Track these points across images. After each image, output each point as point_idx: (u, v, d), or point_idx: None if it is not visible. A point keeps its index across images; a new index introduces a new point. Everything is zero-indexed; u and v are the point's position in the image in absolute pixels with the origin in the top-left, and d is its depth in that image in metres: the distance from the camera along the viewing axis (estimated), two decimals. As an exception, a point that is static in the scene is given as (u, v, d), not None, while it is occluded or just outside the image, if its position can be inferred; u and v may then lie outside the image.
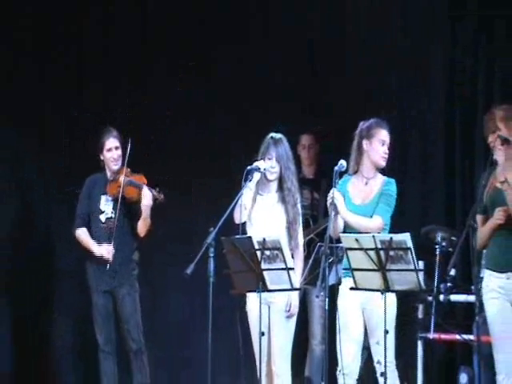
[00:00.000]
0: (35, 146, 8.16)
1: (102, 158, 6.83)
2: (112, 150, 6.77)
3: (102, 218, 6.77)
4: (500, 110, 5.41)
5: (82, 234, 6.82)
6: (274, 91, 7.95)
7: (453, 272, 6.54)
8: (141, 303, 6.86)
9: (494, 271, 5.38)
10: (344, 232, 5.54)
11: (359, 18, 7.89)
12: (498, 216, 5.29)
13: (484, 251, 6.01)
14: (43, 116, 8.15)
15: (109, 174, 6.83)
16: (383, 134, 5.73)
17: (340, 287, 5.65)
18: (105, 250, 6.71)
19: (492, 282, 5.39)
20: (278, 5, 8.06)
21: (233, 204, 5.64)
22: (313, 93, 7.86)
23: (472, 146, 7.38)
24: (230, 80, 8.01)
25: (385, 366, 5.30)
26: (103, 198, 6.77)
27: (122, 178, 6.67)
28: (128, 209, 6.76)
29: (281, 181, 5.80)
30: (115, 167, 6.77)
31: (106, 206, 6.75)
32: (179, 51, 8.23)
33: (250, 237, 5.45)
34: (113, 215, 6.75)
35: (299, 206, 5.83)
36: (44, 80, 8.13)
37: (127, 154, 6.71)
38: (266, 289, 5.44)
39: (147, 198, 6.62)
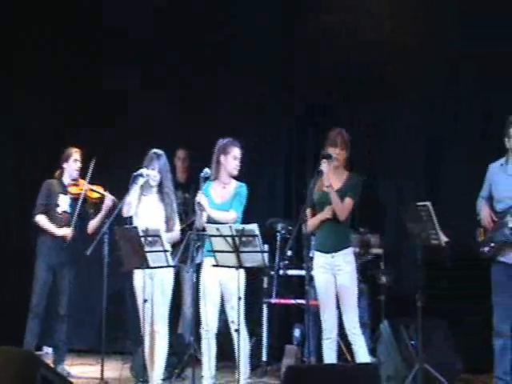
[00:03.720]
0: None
1: (65, 166, 6.98)
2: (77, 162, 6.97)
3: (59, 210, 6.93)
4: (342, 132, 5.69)
5: (43, 219, 6.92)
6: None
7: (289, 253, 6.79)
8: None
9: (322, 252, 5.65)
10: (208, 223, 5.70)
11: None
12: (327, 212, 5.59)
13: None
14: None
15: (67, 180, 6.98)
16: (236, 151, 5.91)
17: (203, 264, 5.83)
18: (65, 232, 6.85)
19: (320, 260, 5.65)
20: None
21: (122, 202, 5.81)
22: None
23: (304, 159, 7.66)
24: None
25: (238, 324, 5.49)
26: (61, 195, 6.93)
27: (84, 184, 6.84)
28: (82, 210, 6.89)
29: (160, 186, 5.98)
30: (76, 176, 6.95)
31: (63, 202, 6.93)
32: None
33: (136, 227, 5.67)
34: (67, 210, 6.90)
35: (175, 205, 6.02)
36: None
37: (91, 168, 6.84)
38: (148, 266, 5.58)
39: (108, 200, 6.77)
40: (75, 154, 7.02)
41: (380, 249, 6.96)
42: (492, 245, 5.85)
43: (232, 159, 5.87)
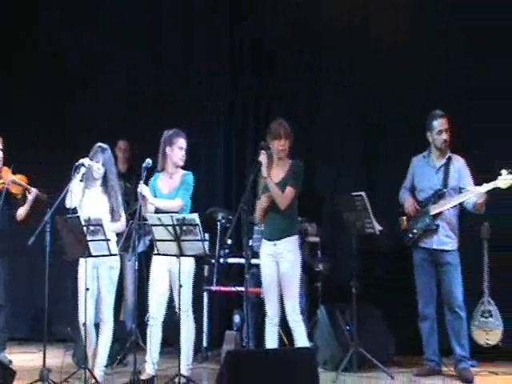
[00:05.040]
0: None
1: None
2: None
3: None
4: (283, 123, 5.76)
5: None
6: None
7: (229, 241, 6.84)
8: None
9: (267, 240, 5.75)
10: (156, 212, 5.69)
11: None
12: (263, 200, 5.71)
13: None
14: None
15: None
16: (181, 142, 5.92)
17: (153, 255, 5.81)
18: None
19: (266, 248, 5.76)
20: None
21: (64, 192, 5.74)
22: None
23: (244, 151, 7.74)
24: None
25: (179, 310, 5.59)
26: None
27: (7, 177, 6.65)
28: (8, 201, 6.69)
29: (105, 179, 5.96)
30: None
31: None
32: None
33: (78, 216, 5.64)
34: None
35: (120, 197, 6.00)
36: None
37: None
38: (90, 255, 5.56)
39: (32, 193, 6.64)
40: None
41: (317, 237, 7.07)
42: (414, 231, 6.14)
43: (178, 150, 5.89)
